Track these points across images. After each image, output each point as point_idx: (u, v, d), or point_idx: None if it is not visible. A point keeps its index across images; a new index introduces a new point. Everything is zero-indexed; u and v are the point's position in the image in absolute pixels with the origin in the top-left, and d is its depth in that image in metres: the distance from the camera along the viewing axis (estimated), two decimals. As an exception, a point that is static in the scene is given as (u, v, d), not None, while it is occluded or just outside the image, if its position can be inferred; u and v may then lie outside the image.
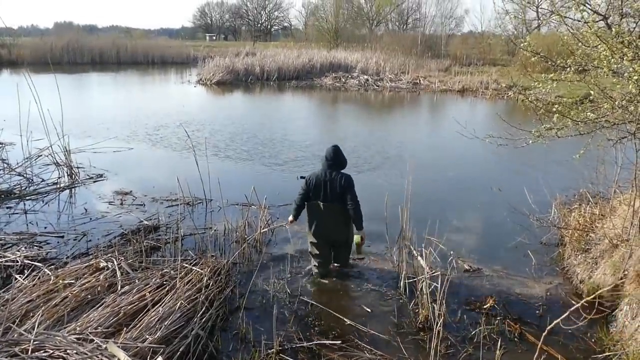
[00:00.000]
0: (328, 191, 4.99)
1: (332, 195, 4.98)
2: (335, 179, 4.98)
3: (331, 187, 4.97)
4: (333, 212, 5.04)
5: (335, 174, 5.01)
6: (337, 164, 5.07)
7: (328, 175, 5.01)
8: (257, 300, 4.80)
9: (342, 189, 4.94)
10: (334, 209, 5.02)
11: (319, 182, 5.02)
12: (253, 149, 11.16)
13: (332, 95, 23.95)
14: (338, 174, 5.01)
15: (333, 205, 5.01)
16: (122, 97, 21.20)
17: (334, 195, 4.98)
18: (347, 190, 4.93)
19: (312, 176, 5.09)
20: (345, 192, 4.93)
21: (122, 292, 4.35)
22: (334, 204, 5.00)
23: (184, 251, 5.62)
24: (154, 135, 12.41)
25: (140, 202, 7.43)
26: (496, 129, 5.91)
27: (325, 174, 5.03)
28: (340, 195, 4.95)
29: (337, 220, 5.09)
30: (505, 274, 5.43)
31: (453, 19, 53.34)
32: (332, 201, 5.00)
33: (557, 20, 5.88)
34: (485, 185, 8.67)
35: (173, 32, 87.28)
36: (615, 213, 5.72)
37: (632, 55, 4.84)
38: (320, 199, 5.03)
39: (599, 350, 4.11)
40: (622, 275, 4.68)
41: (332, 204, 5.00)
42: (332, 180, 4.98)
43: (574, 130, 5.57)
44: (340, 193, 4.95)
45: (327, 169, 5.05)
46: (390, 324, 4.48)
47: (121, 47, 39.96)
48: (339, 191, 4.95)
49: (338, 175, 5.00)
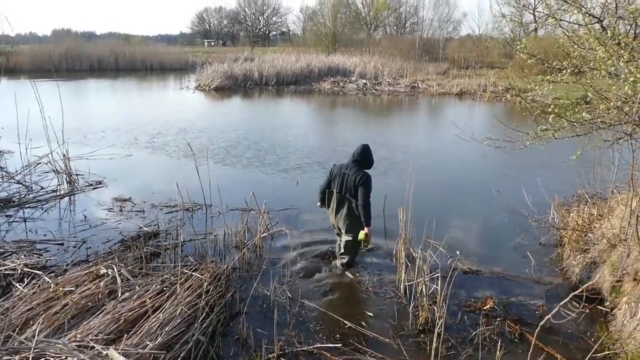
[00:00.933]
0: (344, 184, 5.28)
1: (346, 188, 5.26)
2: (354, 175, 5.21)
3: (348, 181, 5.25)
4: (343, 203, 5.33)
5: (356, 170, 5.24)
6: (361, 162, 5.31)
7: (349, 170, 5.28)
8: (258, 304, 4.80)
9: (356, 186, 5.16)
10: (345, 200, 5.30)
11: (339, 173, 5.36)
12: (252, 154, 11.19)
13: (331, 100, 24.01)
14: (359, 171, 5.23)
15: (345, 197, 5.29)
16: (120, 103, 21.24)
17: (348, 189, 5.25)
18: (361, 187, 5.14)
19: (335, 167, 5.48)
20: (359, 188, 5.15)
21: (123, 299, 4.35)
22: (346, 196, 5.28)
23: (183, 257, 5.64)
24: (153, 141, 12.43)
25: (140, 209, 7.44)
26: (494, 131, 5.95)
27: (347, 167, 5.32)
28: (355, 190, 5.19)
29: (345, 212, 5.34)
30: (505, 275, 5.45)
31: (451, 22, 53.67)
32: (346, 194, 5.27)
33: (553, 23, 5.93)
34: (484, 187, 8.70)
35: (171, 38, 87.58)
36: (612, 213, 5.75)
37: (627, 57, 4.88)
38: (337, 190, 5.34)
39: (599, 349, 4.11)
40: (621, 275, 4.70)
41: (344, 196, 5.28)
42: (350, 174, 5.24)
43: (570, 132, 5.61)
44: (355, 188, 5.19)
45: (350, 164, 5.32)
46: (391, 326, 4.49)
47: (119, 54, 40.01)
48: (354, 186, 5.19)
49: (358, 172, 5.21)
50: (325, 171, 9.70)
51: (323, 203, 5.67)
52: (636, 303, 4.27)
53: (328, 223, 6.86)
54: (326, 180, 5.56)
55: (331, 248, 6.02)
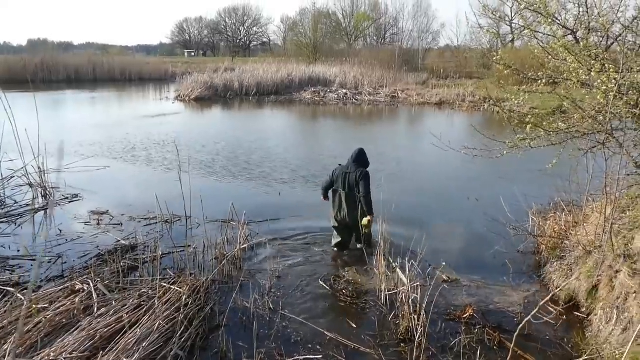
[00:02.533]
0: (347, 182, 6.00)
1: (349, 186, 5.98)
2: (354, 173, 5.98)
3: (350, 179, 5.99)
4: (349, 199, 6.01)
5: (356, 169, 6.01)
6: (358, 163, 6.08)
7: (349, 169, 6.03)
8: (237, 317, 4.75)
9: (358, 181, 5.90)
10: (350, 196, 5.99)
11: (341, 174, 6.08)
12: (233, 165, 11.13)
13: (312, 110, 24.08)
14: (358, 169, 6.00)
15: (351, 194, 5.98)
16: (98, 114, 20.96)
17: (351, 186, 5.97)
18: (362, 181, 5.91)
19: (337, 169, 6.17)
20: (360, 183, 5.90)
21: (99, 315, 4.28)
22: (351, 193, 5.97)
23: (162, 270, 5.54)
24: (132, 153, 12.29)
25: (118, 222, 7.33)
26: (473, 141, 6.03)
27: (347, 168, 6.07)
28: (356, 186, 5.92)
29: (352, 207, 6.01)
30: (484, 283, 5.49)
31: (430, 33, 54.23)
32: (350, 190, 5.97)
33: (529, 35, 6.05)
34: (463, 196, 8.78)
35: (151, 48, 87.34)
36: (588, 221, 5.84)
37: (599, 67, 5.00)
38: (342, 188, 6.03)
39: (576, 355, 4.18)
40: (596, 281, 4.77)
41: (349, 192, 5.98)
42: (351, 174, 6.00)
43: (546, 141, 5.71)
44: (356, 184, 5.92)
45: (350, 165, 6.08)
46: (372, 336, 4.48)
47: (97, 64, 39.62)
48: (355, 183, 5.93)
49: (358, 170, 5.98)
50: (307, 181, 9.72)
51: (326, 197, 6.43)
52: (611, 309, 4.34)
53: (309, 233, 6.91)
54: (328, 180, 6.26)
55: (311, 257, 6.01)
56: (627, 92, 5.00)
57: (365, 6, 57.25)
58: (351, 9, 56.94)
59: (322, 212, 7.71)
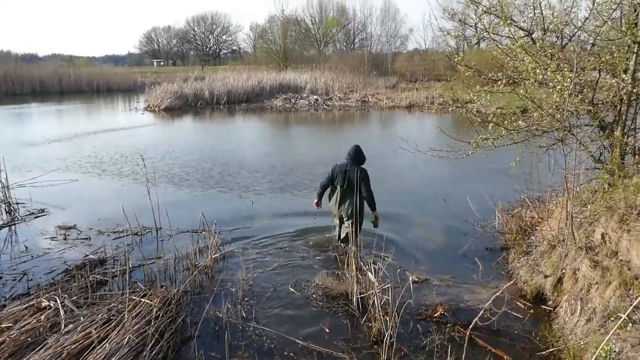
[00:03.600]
0: (346, 179, 6.20)
1: (349, 182, 6.18)
2: (354, 172, 6.16)
3: (349, 177, 6.19)
4: (346, 195, 6.21)
5: (355, 168, 6.20)
6: (356, 160, 6.27)
7: (349, 167, 6.23)
8: (210, 327, 4.72)
9: (358, 180, 6.10)
10: (348, 192, 6.20)
11: (340, 171, 6.26)
12: (203, 175, 11.04)
13: (284, 117, 24.10)
14: (358, 168, 6.20)
15: (348, 190, 6.20)
16: (65, 127, 20.52)
17: (351, 183, 6.16)
18: (363, 182, 6.12)
19: (337, 166, 6.35)
20: (361, 183, 6.11)
21: (66, 332, 4.18)
22: (350, 189, 6.16)
23: (132, 283, 5.46)
24: (99, 166, 12.06)
25: (86, 236, 7.19)
26: (441, 142, 6.13)
27: (347, 165, 6.25)
28: (357, 184, 6.10)
29: (348, 203, 6.20)
30: (454, 282, 5.58)
31: (398, 37, 55.03)
32: (349, 187, 6.17)
33: (489, 37, 6.20)
34: (431, 197, 8.91)
35: (119, 58, 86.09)
36: (552, 216, 6.00)
37: (555, 67, 5.16)
38: (340, 184, 6.23)
39: (543, 347, 4.28)
40: (561, 274, 4.91)
41: (347, 189, 6.20)
42: (351, 171, 6.19)
43: (509, 140, 5.86)
44: (357, 182, 6.10)
45: (348, 162, 6.26)
46: (345, 340, 4.51)
47: (64, 76, 38.92)
48: (355, 181, 6.11)
49: (358, 169, 6.17)
50: (280, 190, 9.72)
51: (320, 199, 6.54)
52: (575, 300, 4.47)
53: (280, 240, 6.91)
54: (327, 178, 6.41)
55: (284, 264, 6.02)
56: (582, 90, 5.17)
57: (333, 12, 57.72)
58: (320, 15, 57.33)
59: (293, 219, 7.75)
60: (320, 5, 57.35)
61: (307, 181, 10.21)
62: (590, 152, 5.49)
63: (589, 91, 5.23)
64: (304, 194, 9.25)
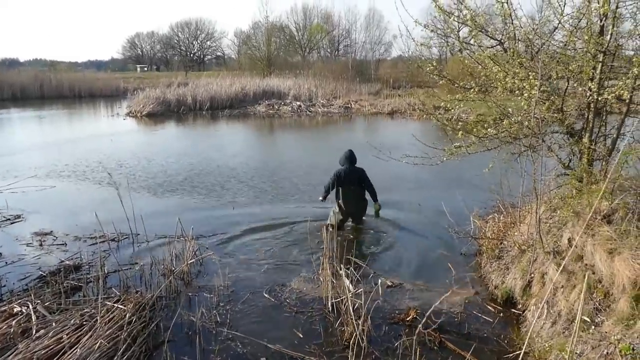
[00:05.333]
0: (353, 179, 7.43)
1: (354, 181, 7.43)
2: (356, 171, 7.49)
3: (352, 177, 7.43)
4: (356, 193, 7.49)
5: (355, 167, 7.50)
6: (354, 161, 7.55)
7: (350, 169, 7.46)
8: (183, 332, 4.73)
9: (361, 178, 7.47)
10: (357, 190, 7.49)
11: (346, 173, 7.42)
12: (184, 181, 11.03)
13: (267, 123, 24.13)
14: (358, 169, 7.52)
15: (357, 188, 7.48)
16: (45, 133, 20.32)
17: (355, 181, 7.44)
18: (365, 179, 7.49)
19: (341, 170, 7.46)
20: (363, 180, 7.48)
21: (37, 337, 4.18)
22: (357, 188, 7.47)
23: (107, 289, 5.45)
24: (79, 171, 11.96)
25: (62, 242, 7.15)
26: (417, 149, 6.23)
27: (348, 168, 7.45)
28: (361, 181, 7.46)
29: (358, 199, 7.53)
30: (427, 286, 5.66)
31: (382, 44, 55.48)
32: (359, 185, 7.47)
33: (462, 46, 6.33)
34: (406, 202, 8.99)
35: (102, 64, 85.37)
36: (524, 221, 6.13)
37: (523, 75, 5.30)
38: (349, 184, 7.38)
39: (511, 350, 4.37)
40: (529, 278, 5.02)
41: (355, 187, 7.46)
42: (353, 171, 7.47)
43: (481, 147, 5.98)
44: (360, 180, 7.46)
45: (348, 165, 7.47)
46: (318, 344, 4.55)
47: (45, 81, 38.45)
48: (359, 179, 7.45)
49: (359, 170, 7.52)
50: (257, 196, 9.74)
51: (325, 198, 7.63)
52: (542, 304, 4.58)
53: (258, 246, 6.95)
54: (332, 181, 7.43)
55: (260, 269, 6.07)
56: (550, 98, 5.31)
57: (318, 18, 58.06)
58: (304, 21, 57.63)
59: (271, 225, 7.79)
60: (304, 12, 57.77)
61: (287, 188, 10.26)
62: (560, 158, 5.64)
63: (557, 99, 5.38)
64: (283, 201, 9.29)
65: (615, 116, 5.75)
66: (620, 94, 4.80)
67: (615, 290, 3.93)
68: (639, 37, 5.02)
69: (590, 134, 5.48)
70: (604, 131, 5.69)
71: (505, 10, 5.45)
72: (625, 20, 5.04)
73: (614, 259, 3.99)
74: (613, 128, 5.52)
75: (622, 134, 5.39)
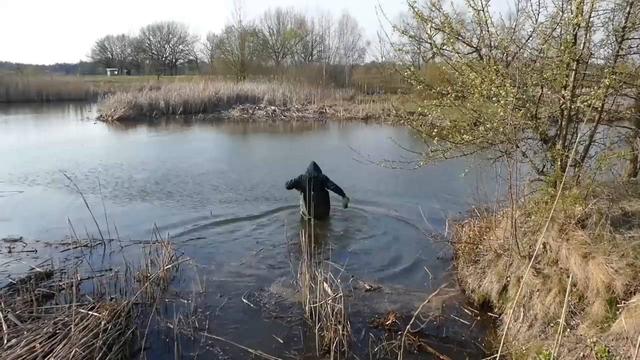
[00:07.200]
0: (317, 184, 8.03)
1: (316, 186, 7.99)
2: (317, 177, 8.13)
3: (315, 182, 7.99)
4: (320, 197, 8.12)
5: (317, 174, 8.17)
6: (317, 170, 8.26)
7: (312, 175, 8.10)
8: (160, 339, 4.64)
9: (323, 182, 8.18)
10: (322, 195, 8.20)
11: (309, 179, 7.94)
12: (157, 186, 10.85)
13: (241, 127, 24.01)
14: (320, 174, 8.24)
15: (319, 193, 8.09)
16: (11, 138, 19.74)
17: (317, 186, 8.04)
18: (327, 181, 8.23)
19: (304, 175, 8.15)
20: (326, 182, 8.22)
21: (8, 346, 4.04)
22: (320, 193, 8.11)
23: (80, 296, 5.32)
24: (48, 177, 11.61)
25: (32, 249, 6.94)
26: (394, 153, 6.28)
27: (310, 174, 8.10)
28: (323, 186, 8.19)
29: (323, 202, 8.20)
30: (405, 290, 5.71)
31: (356, 50, 55.84)
32: (321, 190, 8.16)
33: (438, 52, 6.42)
34: (383, 207, 9.05)
35: (70, 67, 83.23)
36: (499, 225, 6.24)
37: (499, 82, 5.41)
38: (310, 189, 7.77)
39: (489, 353, 4.43)
40: (506, 282, 5.11)
41: (321, 192, 8.15)
42: (315, 177, 8.07)
43: (458, 152, 6.06)
44: (322, 184, 8.18)
45: (312, 172, 8.13)
46: (297, 350, 4.53)
47: (11, 85, 37.26)
48: (320, 184, 8.13)
49: (318, 175, 8.18)
50: (233, 200, 9.66)
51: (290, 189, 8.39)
52: (518, 307, 4.66)
53: (236, 251, 6.89)
54: (293, 182, 8.17)
55: (238, 274, 6.01)
56: (525, 104, 5.44)
57: (291, 24, 58.15)
58: (278, 26, 57.62)
59: (249, 230, 7.74)
60: (278, 17, 57.78)
61: (263, 192, 10.21)
62: (534, 164, 5.76)
63: (532, 106, 5.51)
64: (259, 204, 9.24)
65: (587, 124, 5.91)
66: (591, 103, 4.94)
67: (589, 293, 4.03)
68: (610, 45, 5.19)
69: (563, 141, 5.62)
70: (577, 138, 5.84)
71: (480, 18, 5.56)
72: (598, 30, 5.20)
73: (588, 263, 4.10)
74: (584, 135, 5.67)
75: (594, 141, 5.55)
